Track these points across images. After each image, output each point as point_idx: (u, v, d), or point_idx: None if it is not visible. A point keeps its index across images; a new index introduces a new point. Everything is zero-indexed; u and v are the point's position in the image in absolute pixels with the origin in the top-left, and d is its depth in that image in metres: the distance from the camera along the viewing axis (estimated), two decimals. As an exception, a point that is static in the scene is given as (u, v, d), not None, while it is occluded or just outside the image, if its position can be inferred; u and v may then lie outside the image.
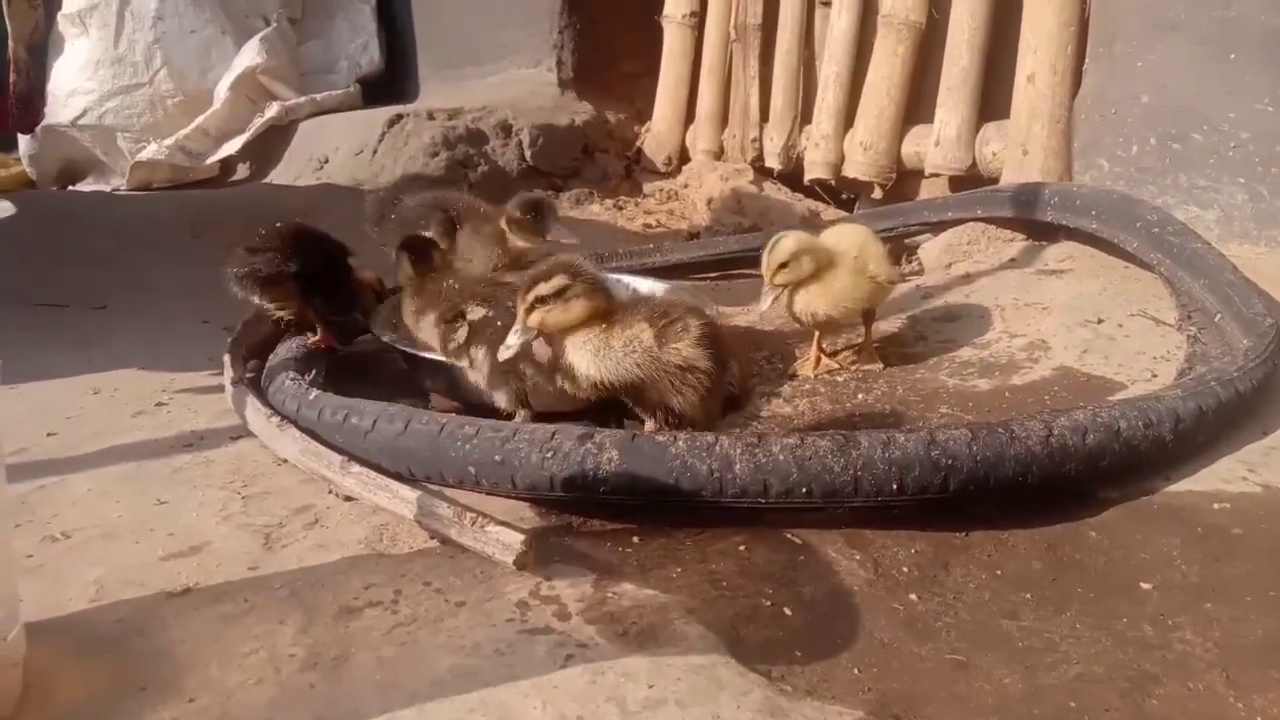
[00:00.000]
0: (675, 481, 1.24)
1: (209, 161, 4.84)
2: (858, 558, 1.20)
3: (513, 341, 1.40)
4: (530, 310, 1.38)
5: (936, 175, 3.32)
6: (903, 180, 3.53)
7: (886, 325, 2.24)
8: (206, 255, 3.09)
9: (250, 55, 4.91)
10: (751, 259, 3.04)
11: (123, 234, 3.14)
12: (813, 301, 1.82)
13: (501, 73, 4.85)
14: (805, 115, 3.88)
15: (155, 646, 0.97)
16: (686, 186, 4.16)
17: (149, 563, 1.16)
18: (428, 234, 2.03)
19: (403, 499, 1.22)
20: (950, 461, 1.23)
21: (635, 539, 1.26)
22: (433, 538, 1.20)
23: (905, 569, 1.18)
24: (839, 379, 1.91)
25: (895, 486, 1.22)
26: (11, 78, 5.45)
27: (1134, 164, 2.42)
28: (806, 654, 1.00)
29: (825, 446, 1.23)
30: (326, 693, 0.89)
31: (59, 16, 5.19)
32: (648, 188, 4.40)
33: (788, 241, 1.82)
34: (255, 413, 1.54)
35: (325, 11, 5.44)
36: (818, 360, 1.96)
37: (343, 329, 2.06)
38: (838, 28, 3.62)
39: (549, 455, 1.28)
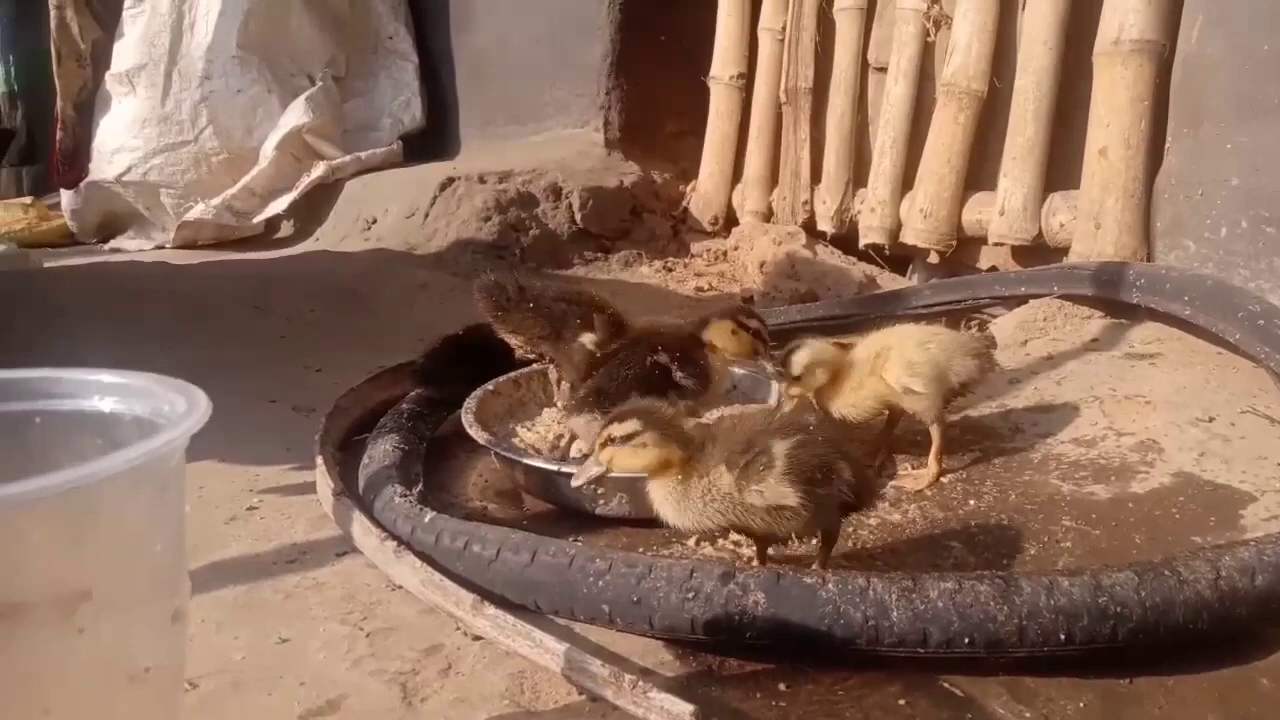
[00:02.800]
0: (828, 629, 1.19)
1: (255, 220, 4.86)
2: (1028, 715, 1.14)
3: (590, 472, 1.40)
4: (603, 446, 1.38)
5: (1000, 244, 3.29)
6: (962, 247, 3.49)
7: (976, 413, 2.19)
8: (268, 329, 3.09)
9: (297, 114, 4.95)
10: (816, 329, 3.01)
11: (182, 307, 3.13)
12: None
13: (546, 132, 4.86)
14: (859, 179, 3.87)
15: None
16: (737, 249, 4.14)
17: (288, 723, 1.11)
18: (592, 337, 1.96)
19: (547, 650, 1.16)
20: (1119, 609, 1.17)
21: (782, 685, 1.20)
22: (581, 693, 1.15)
23: (1080, 728, 1.12)
24: (944, 480, 1.86)
25: (1063, 636, 1.17)
26: (58, 135, 5.52)
27: (1223, 247, 2.37)
28: (1003, 842, 0.94)
29: (986, 592, 1.18)
30: None
31: (107, 76, 5.26)
32: (695, 248, 4.38)
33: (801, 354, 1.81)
34: (365, 533, 1.50)
35: (368, 69, 5.48)
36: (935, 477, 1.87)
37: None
38: (894, 94, 3.61)
39: (689, 596, 1.23)
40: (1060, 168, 3.15)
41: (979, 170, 3.41)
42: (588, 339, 2.00)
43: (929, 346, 1.81)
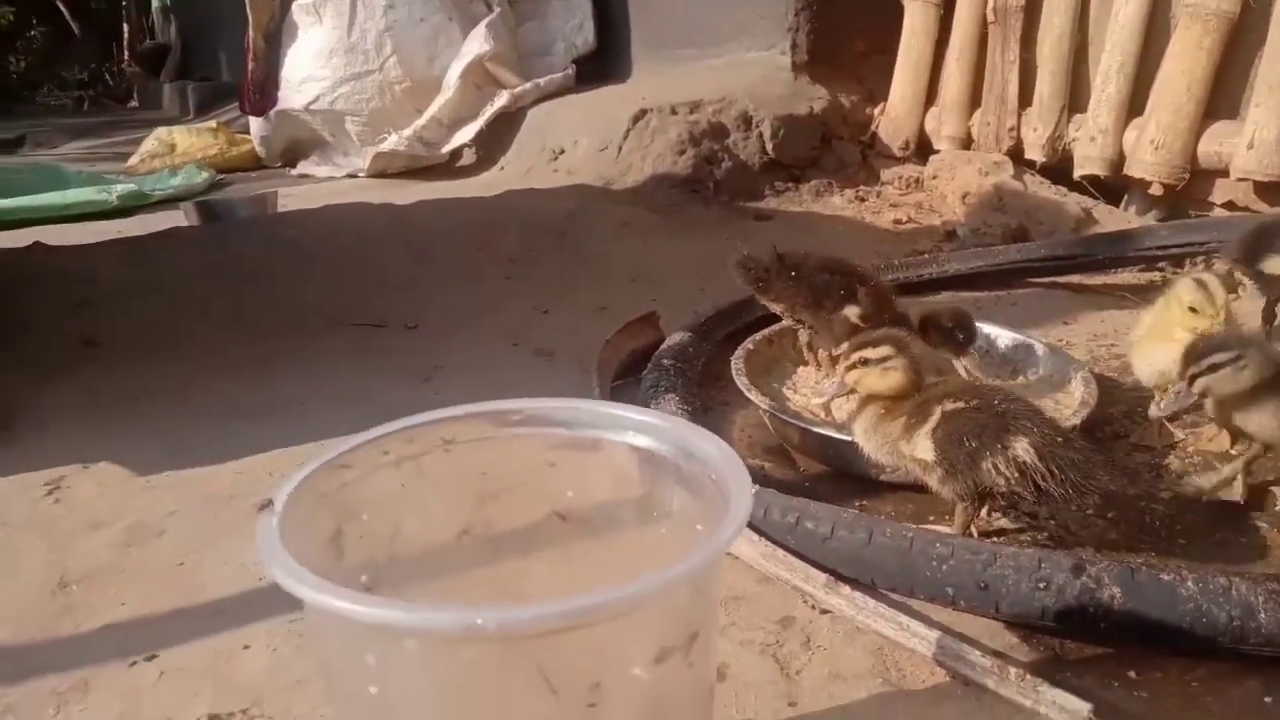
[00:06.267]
0: (1189, 626, 1.22)
1: (443, 150, 5.00)
2: (1407, 721, 1.16)
3: (827, 390, 1.63)
4: (851, 368, 1.56)
5: (1244, 179, 3.09)
6: (1192, 180, 3.30)
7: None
8: (494, 271, 3.23)
9: (478, 43, 5.01)
10: (1038, 270, 2.94)
11: (415, 251, 3.30)
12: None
13: (726, 55, 4.77)
14: (1074, 104, 3.67)
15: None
16: (935, 177, 4.02)
17: (686, 689, 1.23)
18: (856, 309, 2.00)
19: (916, 634, 1.25)
20: None
21: (1131, 673, 1.25)
22: (951, 676, 1.23)
23: None
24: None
25: None
26: (250, 65, 5.76)
27: None
28: None
29: (1362, 598, 1.19)
30: None
31: (294, 6, 5.43)
32: (885, 175, 4.28)
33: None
34: (687, 500, 1.60)
35: (540, -9, 5.47)
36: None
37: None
38: (1124, 14, 3.38)
39: (1040, 586, 1.28)
40: (1321, 96, 2.91)
41: (1219, 97, 3.19)
42: (851, 311, 2.03)
43: None
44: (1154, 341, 1.81)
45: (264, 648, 1.36)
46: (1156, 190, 3.40)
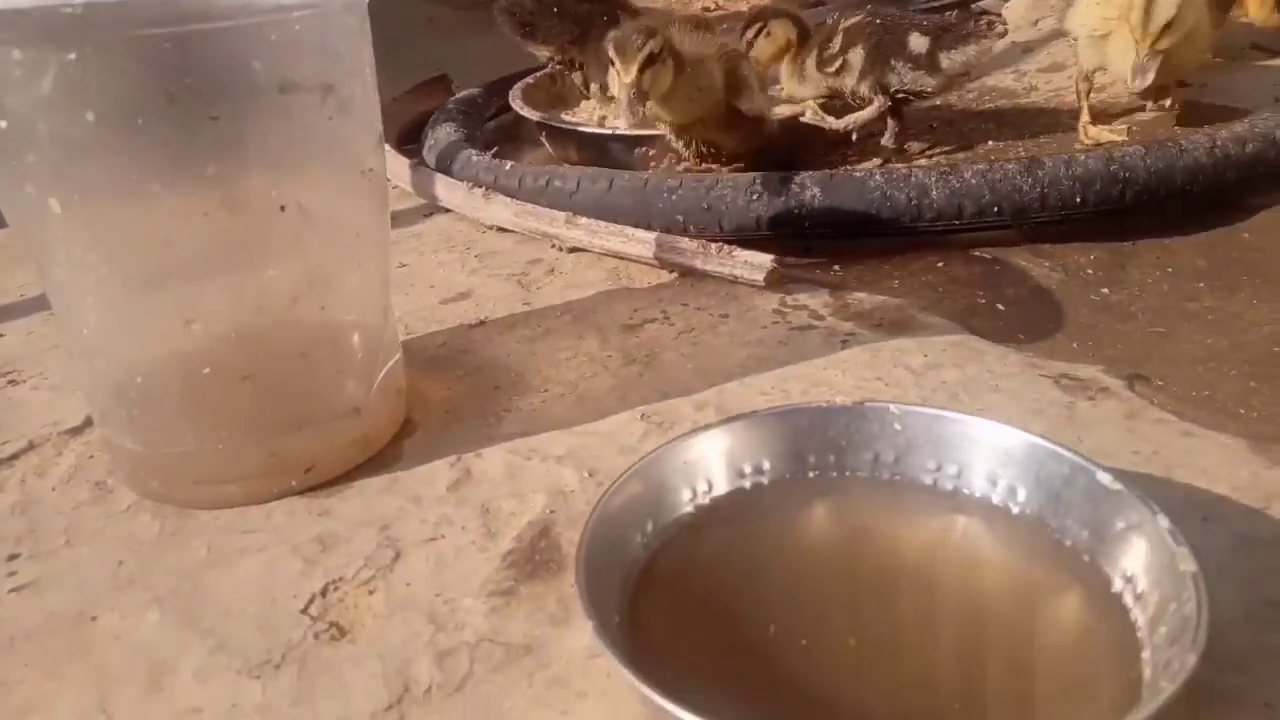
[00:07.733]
0: (876, 211, 1.38)
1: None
2: (1046, 264, 1.36)
3: (626, 104, 1.48)
4: (642, 70, 1.41)
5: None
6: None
7: (994, 81, 2.32)
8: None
9: None
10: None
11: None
12: None
13: None
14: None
15: (485, 360, 1.15)
16: (743, -36, 4.05)
17: (432, 305, 1.32)
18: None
19: (639, 240, 1.36)
20: (1127, 174, 1.36)
21: (836, 267, 1.42)
22: (671, 272, 1.36)
23: (1090, 271, 1.34)
24: (965, 129, 2.01)
25: (1078, 200, 1.36)
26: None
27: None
28: (1029, 335, 1.18)
29: (1014, 169, 1.37)
30: (654, 379, 1.07)
31: None
32: (697, -31, 4.28)
33: None
34: (450, 188, 1.67)
35: None
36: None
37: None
38: None
39: (754, 198, 1.42)
40: None
41: None
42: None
43: None
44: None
45: (21, 333, 1.37)
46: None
